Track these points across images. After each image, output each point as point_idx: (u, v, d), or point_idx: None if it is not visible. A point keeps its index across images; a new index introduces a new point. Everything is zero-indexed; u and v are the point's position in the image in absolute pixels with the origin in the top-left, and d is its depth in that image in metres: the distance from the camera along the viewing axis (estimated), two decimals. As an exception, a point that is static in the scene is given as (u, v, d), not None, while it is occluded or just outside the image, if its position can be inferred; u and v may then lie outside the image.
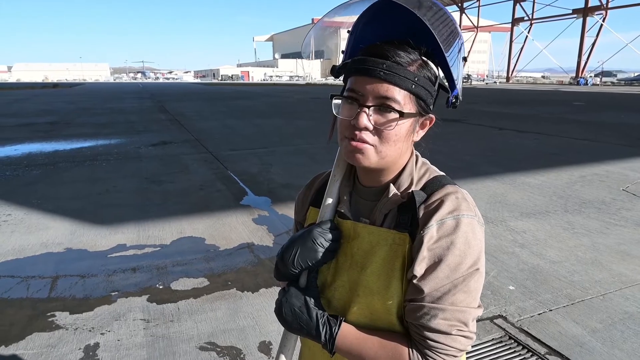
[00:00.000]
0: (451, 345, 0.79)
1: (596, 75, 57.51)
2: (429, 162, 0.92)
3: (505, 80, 62.50)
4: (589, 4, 48.56)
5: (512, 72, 61.09)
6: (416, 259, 0.79)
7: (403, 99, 0.77)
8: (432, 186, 0.85)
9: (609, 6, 47.58)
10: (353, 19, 0.87)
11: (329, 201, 0.91)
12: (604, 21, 47.71)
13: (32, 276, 3.24)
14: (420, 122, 0.84)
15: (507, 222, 4.33)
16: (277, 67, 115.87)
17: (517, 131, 10.72)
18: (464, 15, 63.38)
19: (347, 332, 0.84)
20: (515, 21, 57.62)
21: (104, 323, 2.62)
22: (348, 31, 0.88)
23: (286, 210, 4.62)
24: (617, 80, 58.79)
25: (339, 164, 0.92)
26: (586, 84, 48.91)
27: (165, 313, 2.74)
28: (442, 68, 0.81)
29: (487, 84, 58.81)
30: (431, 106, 0.83)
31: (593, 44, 48.78)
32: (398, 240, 0.82)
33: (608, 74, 62.55)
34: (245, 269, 3.38)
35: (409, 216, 0.82)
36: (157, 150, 8.43)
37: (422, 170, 0.88)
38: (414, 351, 0.80)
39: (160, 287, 3.08)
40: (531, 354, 2.32)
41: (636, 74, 63.53)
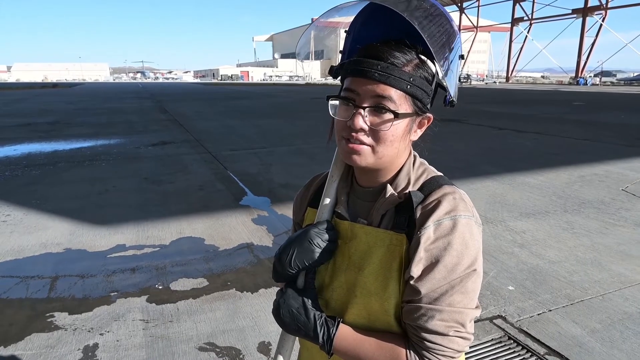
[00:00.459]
0: (448, 347, 0.78)
1: (596, 75, 57.52)
2: (426, 162, 0.92)
3: (504, 80, 62.51)
4: (589, 4, 48.59)
5: (512, 72, 61.11)
6: (413, 259, 0.79)
7: (398, 100, 0.78)
8: (429, 186, 0.84)
9: (609, 6, 47.61)
10: (350, 19, 0.87)
11: (327, 202, 0.91)
12: (603, 21, 47.74)
13: (31, 276, 3.24)
14: (417, 122, 0.84)
15: (507, 222, 4.33)
16: (277, 67, 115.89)
17: (517, 131, 10.73)
18: (463, 15, 63.39)
19: (344, 333, 0.84)
20: (514, 21, 57.64)
21: (103, 323, 2.62)
22: (345, 31, 0.89)
23: (286, 211, 4.62)
24: (617, 80, 58.83)
25: (336, 164, 0.92)
26: (586, 84, 48.93)
27: (164, 313, 2.74)
28: (440, 68, 0.81)
29: (486, 84, 58.82)
30: (428, 105, 0.83)
31: (592, 44, 48.82)
32: (395, 241, 0.82)
33: (607, 74, 62.60)
34: (244, 269, 3.38)
35: (406, 217, 0.82)
36: (156, 150, 8.42)
37: (419, 171, 0.88)
38: (411, 352, 0.80)
39: (159, 288, 3.08)
40: (530, 354, 2.32)
41: (636, 74, 63.56)
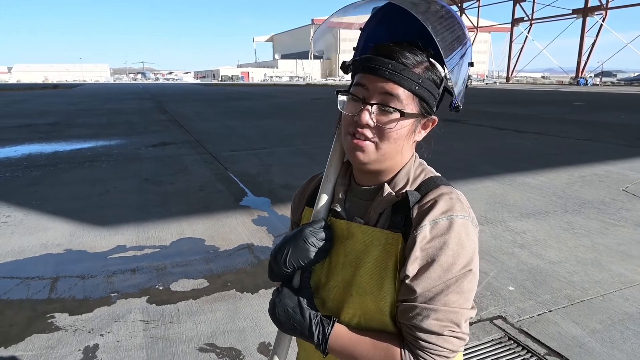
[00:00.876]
0: (443, 346, 0.79)
1: (596, 76, 57.50)
2: (425, 162, 0.93)
3: (505, 80, 62.50)
4: (589, 4, 48.57)
5: (512, 72, 61.09)
6: (409, 258, 0.79)
7: (406, 99, 0.79)
8: (426, 186, 0.85)
9: (609, 6, 47.59)
10: (361, 19, 0.90)
11: (322, 201, 0.91)
12: (603, 21, 47.72)
13: (31, 277, 3.24)
14: (422, 123, 0.85)
15: (507, 223, 4.33)
16: (277, 68, 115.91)
17: (517, 131, 10.72)
18: (463, 15, 63.40)
19: (340, 333, 0.84)
20: (515, 21, 57.63)
21: (104, 324, 2.62)
22: (360, 28, 0.91)
23: (286, 211, 4.62)
24: (617, 80, 58.78)
25: (332, 164, 0.92)
26: (586, 84, 48.89)
27: (164, 314, 2.74)
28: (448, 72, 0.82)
29: (487, 84, 58.79)
30: (434, 108, 0.84)
31: (593, 44, 48.79)
32: (391, 240, 0.83)
33: (608, 74, 62.56)
34: (244, 269, 3.38)
35: (403, 216, 0.83)
36: (157, 151, 8.43)
37: (417, 171, 0.89)
38: (406, 351, 0.81)
39: (159, 288, 3.08)
40: (531, 354, 2.32)
41: (636, 74, 63.53)
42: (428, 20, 0.73)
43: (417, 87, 0.79)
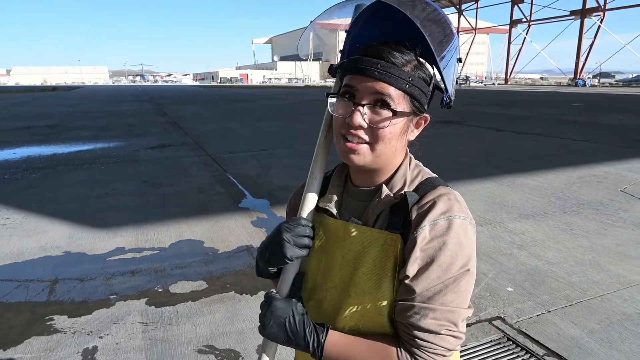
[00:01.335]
0: (440, 345, 0.79)
1: (594, 77, 57.69)
2: (421, 164, 0.93)
3: (503, 81, 62.63)
4: (587, 6, 48.74)
5: (511, 73, 61.24)
6: (409, 259, 0.80)
7: (397, 98, 0.79)
8: (424, 188, 0.85)
9: (607, 7, 47.75)
10: (347, 20, 0.89)
11: (308, 199, 0.90)
12: (601, 22, 47.90)
13: (30, 280, 3.24)
14: (414, 122, 0.85)
15: (506, 224, 4.34)
16: (276, 70, 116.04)
17: (516, 132, 10.74)
18: (462, 17, 63.52)
19: (334, 339, 0.84)
20: (513, 23, 57.80)
21: (103, 326, 2.62)
22: (345, 31, 0.90)
23: (285, 213, 4.60)
24: (615, 81, 59.00)
25: (317, 161, 0.91)
26: (584, 85, 49.05)
27: (163, 316, 2.74)
28: (437, 69, 0.82)
29: (485, 85, 58.91)
30: (426, 106, 0.84)
31: (591, 46, 48.96)
32: (389, 241, 0.83)
33: (606, 75, 62.76)
34: (244, 271, 3.38)
35: (401, 217, 0.83)
36: (155, 153, 8.43)
37: (414, 172, 0.89)
38: (402, 350, 0.81)
39: (159, 290, 3.08)
40: (529, 355, 2.32)
41: (634, 75, 63.71)
42: (417, 18, 0.73)
43: (407, 86, 0.79)
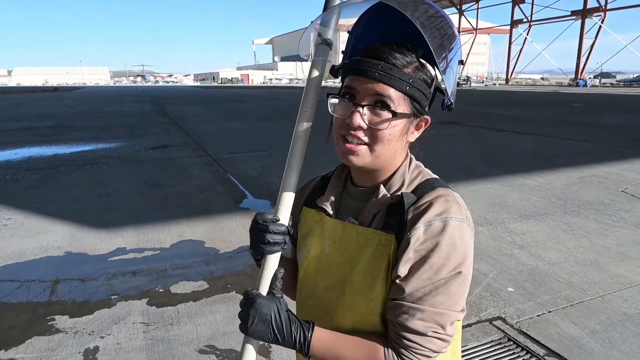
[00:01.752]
0: (426, 346, 0.79)
1: (595, 77, 57.58)
2: (422, 165, 0.92)
3: (504, 82, 62.59)
4: (588, 6, 48.69)
5: (511, 74, 61.19)
6: (401, 259, 0.80)
7: (397, 100, 0.79)
8: (423, 189, 0.85)
9: (608, 8, 47.70)
10: (349, 21, 0.89)
11: (284, 194, 0.87)
12: (602, 23, 47.83)
13: (32, 280, 3.25)
14: (415, 124, 0.85)
15: (506, 224, 4.34)
16: (277, 70, 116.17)
17: (516, 133, 10.74)
18: (463, 17, 63.50)
19: (321, 336, 0.83)
20: (514, 23, 57.74)
21: (104, 326, 2.63)
22: (348, 32, 0.91)
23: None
24: (616, 81, 58.91)
25: (294, 155, 0.88)
26: (585, 85, 48.98)
27: (164, 316, 2.75)
28: (438, 71, 0.82)
29: (486, 85, 58.89)
30: (426, 108, 0.84)
31: (592, 46, 48.89)
32: (384, 241, 0.83)
33: (607, 75, 62.63)
34: (245, 272, 3.39)
35: (397, 218, 0.83)
36: (157, 154, 8.44)
37: (414, 173, 0.89)
38: (389, 350, 0.81)
39: (160, 291, 3.09)
40: (530, 355, 2.32)
41: (635, 75, 63.59)
42: (417, 19, 0.74)
43: (408, 87, 0.79)
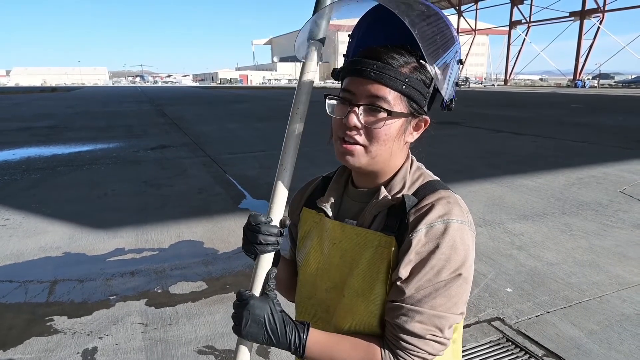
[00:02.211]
0: (423, 349, 0.79)
1: (594, 78, 57.65)
2: (424, 166, 0.92)
3: (503, 83, 62.66)
4: (586, 7, 48.73)
5: (510, 74, 61.26)
6: (402, 261, 0.79)
7: (393, 99, 0.79)
8: (424, 191, 0.85)
9: (606, 9, 47.79)
10: (350, 21, 0.90)
11: (277, 193, 0.86)
12: (601, 24, 47.92)
13: (30, 280, 3.24)
14: (414, 124, 0.85)
15: (505, 225, 4.34)
16: (276, 71, 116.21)
17: (515, 134, 10.75)
18: (461, 18, 63.57)
19: (317, 337, 0.82)
20: (512, 24, 57.81)
21: (102, 327, 2.62)
22: (349, 35, 0.91)
23: (287, 212, 4.60)
24: (615, 82, 59.07)
25: (287, 153, 0.87)
26: (584, 86, 49.10)
27: (163, 317, 2.75)
28: (436, 69, 0.82)
29: (485, 86, 58.96)
30: (425, 108, 0.84)
31: (590, 47, 48.96)
32: (384, 243, 0.83)
33: (606, 76, 62.77)
34: (243, 272, 3.39)
35: (398, 220, 0.82)
36: (155, 154, 8.43)
37: (415, 175, 0.88)
38: (386, 351, 0.81)
39: (158, 291, 3.09)
40: (529, 356, 2.33)
41: (634, 76, 63.77)
42: (415, 25, 0.74)
43: (404, 87, 0.79)
